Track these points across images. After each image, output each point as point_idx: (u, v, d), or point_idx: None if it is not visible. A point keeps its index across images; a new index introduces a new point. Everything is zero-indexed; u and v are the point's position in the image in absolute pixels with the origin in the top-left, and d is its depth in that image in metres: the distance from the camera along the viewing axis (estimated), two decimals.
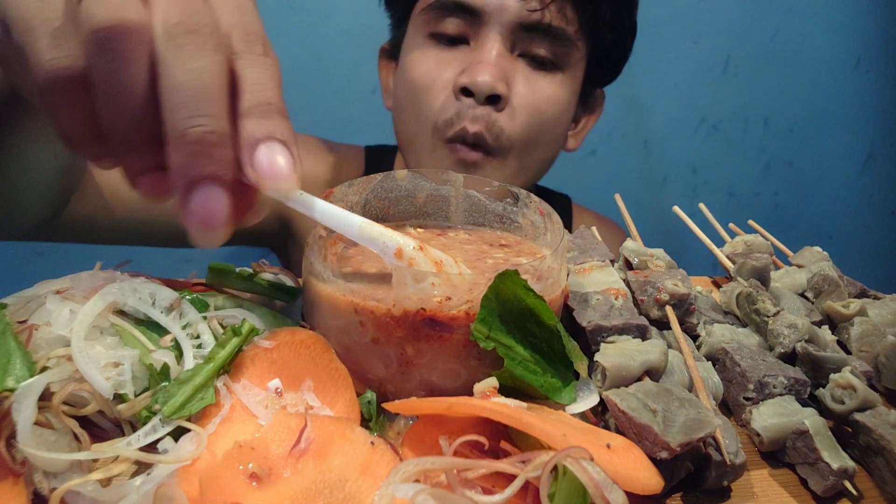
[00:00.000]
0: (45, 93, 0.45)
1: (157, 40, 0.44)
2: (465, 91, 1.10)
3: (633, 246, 0.86)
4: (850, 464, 0.56)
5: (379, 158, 1.47)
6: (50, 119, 0.47)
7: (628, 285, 0.76)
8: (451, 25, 1.13)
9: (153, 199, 0.50)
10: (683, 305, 0.73)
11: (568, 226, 1.46)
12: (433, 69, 1.14)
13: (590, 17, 1.17)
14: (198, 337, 0.59)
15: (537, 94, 1.15)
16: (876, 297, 0.84)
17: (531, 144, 1.18)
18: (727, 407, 0.66)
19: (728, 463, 0.53)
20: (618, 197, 1.05)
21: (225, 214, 0.46)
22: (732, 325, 0.75)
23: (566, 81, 1.19)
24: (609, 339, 0.66)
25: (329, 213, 0.56)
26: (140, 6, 0.44)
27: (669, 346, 0.67)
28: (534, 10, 1.09)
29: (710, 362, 0.68)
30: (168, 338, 0.58)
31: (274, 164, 0.47)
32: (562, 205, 1.52)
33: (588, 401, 0.60)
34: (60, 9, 0.45)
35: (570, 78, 1.20)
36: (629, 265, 0.84)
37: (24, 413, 0.48)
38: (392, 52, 1.33)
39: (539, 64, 1.16)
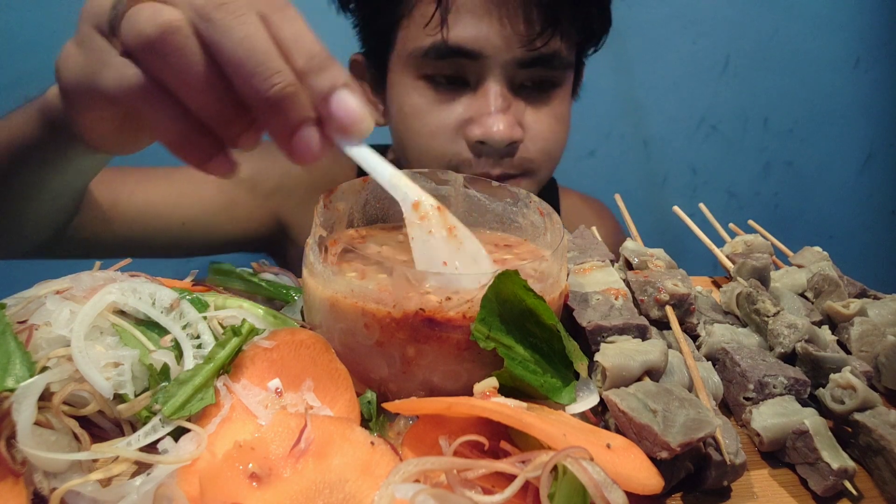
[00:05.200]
0: (140, 107, 0.53)
1: (198, 26, 0.50)
2: (480, 142, 1.09)
3: (633, 246, 0.86)
4: (850, 464, 0.56)
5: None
6: (152, 128, 0.54)
7: (628, 285, 0.76)
8: (449, 70, 1.11)
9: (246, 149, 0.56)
10: (683, 305, 0.73)
11: (555, 206, 1.46)
12: (436, 116, 1.13)
13: (579, 32, 1.16)
14: (198, 337, 0.60)
15: (546, 120, 1.15)
16: (876, 297, 0.84)
17: (550, 161, 1.20)
18: (727, 407, 0.66)
19: (728, 463, 0.53)
20: (618, 197, 1.05)
21: (320, 143, 0.53)
22: (732, 325, 0.75)
23: (563, 94, 1.20)
24: (609, 339, 0.66)
25: (366, 157, 0.59)
26: (167, 6, 0.50)
27: (669, 347, 0.67)
28: (531, 49, 1.08)
29: (709, 362, 0.68)
30: (168, 338, 0.58)
31: (349, 110, 0.53)
32: (547, 187, 1.52)
33: (588, 401, 0.60)
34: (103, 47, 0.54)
35: (566, 86, 1.20)
36: (629, 265, 0.84)
37: (24, 413, 0.48)
38: (365, 72, 1.30)
39: (538, 90, 1.15)
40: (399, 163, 1.28)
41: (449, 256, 0.62)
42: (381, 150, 1.44)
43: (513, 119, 1.10)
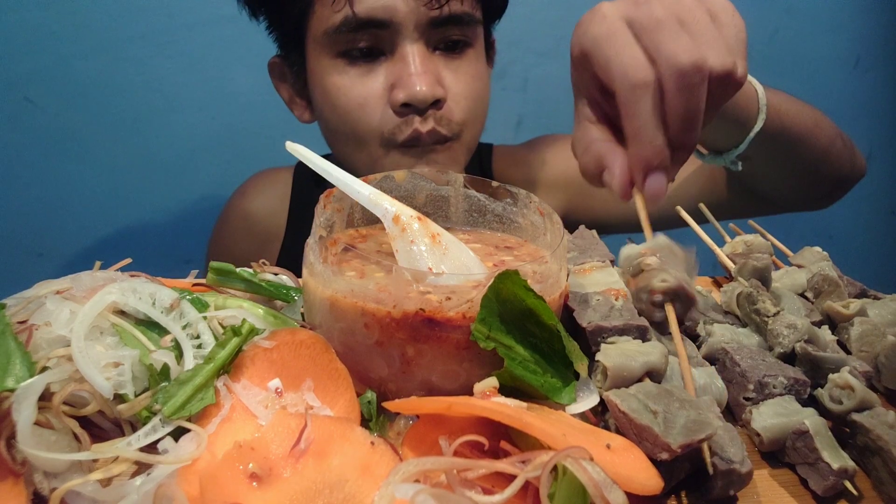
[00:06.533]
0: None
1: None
2: (405, 105, 1.11)
3: (627, 251, 0.84)
4: (850, 464, 0.56)
5: (307, 170, 1.48)
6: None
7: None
8: (364, 42, 1.13)
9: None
10: (681, 297, 0.70)
11: (489, 172, 1.48)
12: (360, 88, 1.14)
13: None
14: (198, 337, 0.59)
15: (464, 78, 1.17)
16: (876, 297, 0.84)
17: (476, 120, 1.22)
18: (729, 410, 0.66)
19: (735, 471, 0.53)
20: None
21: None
22: (732, 325, 0.75)
23: (477, 53, 1.22)
24: (609, 339, 0.66)
25: (342, 178, 0.67)
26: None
27: (671, 354, 0.67)
28: (436, 7, 1.11)
29: (713, 367, 0.67)
30: (168, 338, 0.58)
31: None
32: (484, 154, 1.53)
33: (588, 401, 0.60)
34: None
35: (478, 47, 1.23)
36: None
37: (24, 413, 0.48)
38: (286, 71, 1.31)
39: (453, 50, 1.18)
40: (335, 156, 1.28)
41: (434, 263, 0.63)
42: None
43: (433, 78, 1.12)
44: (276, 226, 1.49)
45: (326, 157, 0.69)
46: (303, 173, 1.51)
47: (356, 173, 0.69)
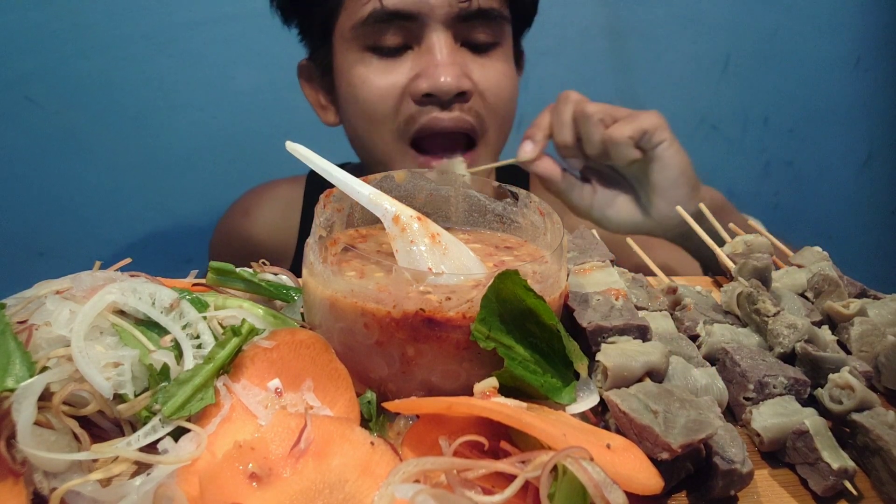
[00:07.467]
0: None
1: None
2: (427, 95, 1.10)
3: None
4: (850, 464, 0.56)
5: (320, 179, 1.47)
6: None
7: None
8: (392, 36, 1.13)
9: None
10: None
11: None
12: (383, 79, 1.14)
13: None
14: (198, 337, 0.60)
15: (493, 74, 1.17)
16: (876, 297, 0.84)
17: (503, 121, 1.22)
18: (729, 410, 0.66)
19: (736, 471, 0.53)
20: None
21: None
22: (732, 325, 0.75)
23: (506, 54, 1.22)
24: (609, 339, 0.66)
25: (342, 178, 0.67)
26: None
27: (673, 354, 0.67)
28: (465, 0, 1.11)
29: (713, 367, 0.67)
30: (168, 338, 0.58)
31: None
32: (521, 177, 1.52)
33: (588, 401, 0.60)
34: None
35: (507, 48, 1.23)
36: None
37: (24, 413, 0.48)
38: (314, 72, 1.31)
39: (481, 48, 1.17)
40: (363, 162, 1.27)
41: (434, 263, 0.63)
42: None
43: (460, 70, 1.11)
44: (289, 237, 1.47)
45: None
46: (319, 178, 1.49)
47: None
